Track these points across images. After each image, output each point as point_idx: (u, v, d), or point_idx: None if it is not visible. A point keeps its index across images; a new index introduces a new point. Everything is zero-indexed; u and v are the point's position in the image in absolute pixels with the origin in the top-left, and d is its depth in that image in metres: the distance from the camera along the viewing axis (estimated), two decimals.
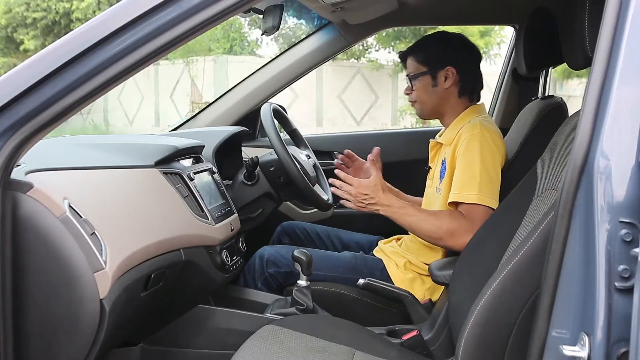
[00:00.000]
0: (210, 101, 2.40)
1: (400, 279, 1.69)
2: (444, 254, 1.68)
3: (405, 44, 10.35)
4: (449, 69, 1.72)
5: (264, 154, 1.83)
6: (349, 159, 1.89)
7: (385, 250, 1.80)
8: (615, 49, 0.77)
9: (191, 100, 12.28)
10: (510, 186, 1.37)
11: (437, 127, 2.18)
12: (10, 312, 0.95)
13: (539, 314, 0.82)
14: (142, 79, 12.44)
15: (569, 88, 11.92)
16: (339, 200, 1.67)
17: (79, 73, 0.91)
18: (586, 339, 0.71)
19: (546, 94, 1.97)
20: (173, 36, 0.93)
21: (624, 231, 0.72)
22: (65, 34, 0.96)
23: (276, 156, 1.68)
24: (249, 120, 2.26)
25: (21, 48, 12.59)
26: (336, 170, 1.71)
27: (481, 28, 10.49)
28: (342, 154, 1.90)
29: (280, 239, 1.98)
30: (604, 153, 0.75)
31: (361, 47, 12.32)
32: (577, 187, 0.77)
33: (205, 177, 1.64)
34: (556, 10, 1.61)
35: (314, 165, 1.94)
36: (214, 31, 11.95)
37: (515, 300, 1.00)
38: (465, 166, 1.57)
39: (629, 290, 0.70)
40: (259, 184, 1.80)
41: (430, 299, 1.67)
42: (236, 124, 2.24)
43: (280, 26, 1.64)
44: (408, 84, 1.81)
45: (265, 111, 1.72)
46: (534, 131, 1.69)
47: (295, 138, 2.02)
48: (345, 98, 12.85)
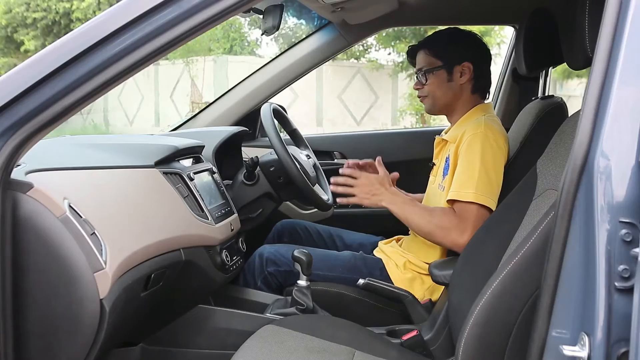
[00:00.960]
0: (210, 101, 2.40)
1: (400, 278, 1.69)
2: (444, 253, 1.68)
3: (405, 44, 10.34)
4: (465, 64, 1.72)
5: (264, 154, 1.83)
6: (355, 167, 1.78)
7: (385, 250, 1.80)
8: (615, 49, 0.77)
9: (191, 100, 12.28)
10: (510, 186, 1.37)
11: (438, 127, 2.18)
12: (10, 312, 0.95)
13: (539, 314, 0.82)
14: (142, 79, 12.44)
15: (569, 88, 11.91)
16: (337, 198, 1.68)
17: (79, 73, 0.91)
18: (586, 339, 0.71)
19: (546, 94, 1.97)
20: (173, 36, 0.93)
21: (624, 231, 0.72)
22: (65, 34, 0.96)
23: (276, 156, 1.68)
24: (249, 120, 2.26)
25: (22, 48, 12.59)
26: (341, 170, 1.71)
27: (481, 28, 10.47)
28: (347, 164, 1.76)
29: (280, 237, 1.98)
30: (604, 153, 0.75)
31: (361, 47, 12.32)
32: (577, 187, 0.77)
33: (205, 177, 1.64)
34: (556, 10, 1.61)
35: (314, 165, 1.94)
36: (214, 31, 11.95)
37: (515, 300, 1.00)
38: (465, 165, 1.57)
39: (629, 290, 0.70)
40: (259, 184, 1.80)
41: (430, 299, 1.67)
42: (236, 124, 2.24)
43: (280, 26, 1.64)
44: (419, 79, 1.79)
45: (265, 111, 1.72)
46: (534, 131, 1.69)
47: (295, 138, 2.02)
48: (345, 98, 12.86)
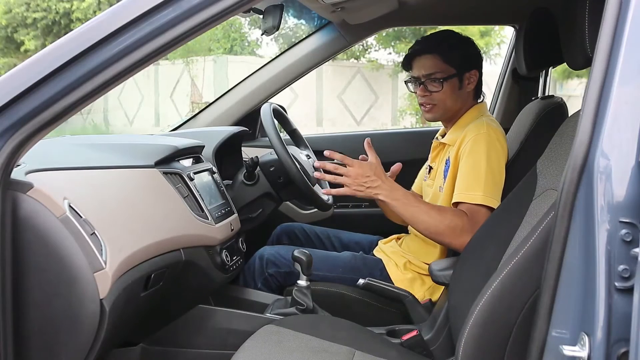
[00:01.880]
0: (210, 101, 2.40)
1: (400, 278, 1.69)
2: (443, 253, 1.68)
3: (405, 44, 10.35)
4: (473, 72, 1.69)
5: (264, 154, 1.83)
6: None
7: (385, 250, 1.80)
8: (615, 49, 0.77)
9: (191, 100, 12.28)
10: (510, 186, 1.37)
11: (438, 127, 2.18)
12: (10, 312, 0.95)
13: (539, 314, 0.82)
14: (142, 79, 12.44)
15: (569, 88, 11.92)
16: (322, 187, 1.52)
17: (79, 73, 0.91)
18: (586, 339, 0.71)
19: (546, 94, 1.97)
20: (173, 36, 0.93)
21: (624, 231, 0.71)
22: (65, 34, 0.96)
23: (276, 156, 1.68)
24: (249, 120, 2.26)
25: (22, 48, 12.59)
26: (326, 152, 1.56)
27: (481, 28, 10.48)
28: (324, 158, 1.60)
29: (279, 240, 1.98)
30: (604, 153, 0.75)
31: (361, 47, 12.32)
32: (577, 187, 0.77)
33: (205, 177, 1.64)
34: (556, 10, 1.61)
35: (314, 165, 1.94)
36: (214, 31, 11.95)
37: (515, 300, 1.00)
38: (470, 166, 1.56)
39: (629, 290, 0.70)
40: (259, 184, 1.80)
41: (430, 299, 1.67)
42: (236, 124, 2.24)
43: (280, 26, 1.64)
44: (424, 85, 1.67)
45: (265, 111, 1.72)
46: (534, 131, 1.69)
47: (295, 138, 2.02)
48: (345, 98, 12.86)
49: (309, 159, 1.92)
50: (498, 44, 11.01)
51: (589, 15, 1.02)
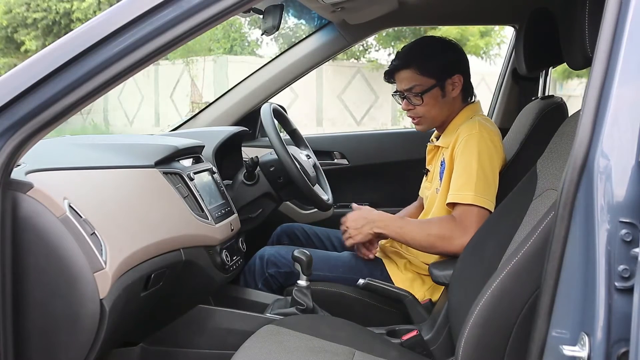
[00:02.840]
0: (210, 101, 2.40)
1: (400, 278, 1.69)
2: None
3: (405, 43, 10.34)
4: (455, 77, 1.67)
5: (264, 154, 1.83)
6: None
7: (385, 250, 1.80)
8: (615, 49, 0.77)
9: (191, 100, 12.29)
10: (510, 186, 1.37)
11: None
12: (10, 312, 0.95)
13: (539, 314, 0.82)
14: (142, 79, 12.44)
15: (569, 88, 11.92)
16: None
17: (79, 73, 0.91)
18: (586, 339, 0.71)
19: (546, 94, 1.97)
20: (173, 36, 0.93)
21: (624, 231, 0.71)
22: (65, 34, 0.96)
23: (276, 156, 1.68)
24: (249, 120, 2.26)
25: (22, 49, 12.59)
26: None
27: (481, 28, 10.50)
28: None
29: (279, 241, 1.98)
30: (604, 153, 0.75)
31: (361, 47, 12.33)
32: (577, 187, 0.77)
33: (205, 177, 1.64)
34: (556, 10, 1.61)
35: (314, 165, 1.94)
36: (214, 31, 11.95)
37: (515, 300, 1.00)
38: (462, 166, 1.56)
39: (629, 290, 0.70)
40: (259, 184, 1.79)
41: (430, 299, 1.67)
42: (236, 124, 2.24)
43: (280, 26, 1.64)
44: (408, 99, 1.68)
45: (265, 111, 1.72)
46: (534, 131, 1.69)
47: (295, 138, 2.02)
48: (345, 98, 12.86)
49: (309, 159, 1.92)
50: (498, 44, 11.02)
51: (589, 15, 1.02)
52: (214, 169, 1.73)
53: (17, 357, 0.98)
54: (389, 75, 1.74)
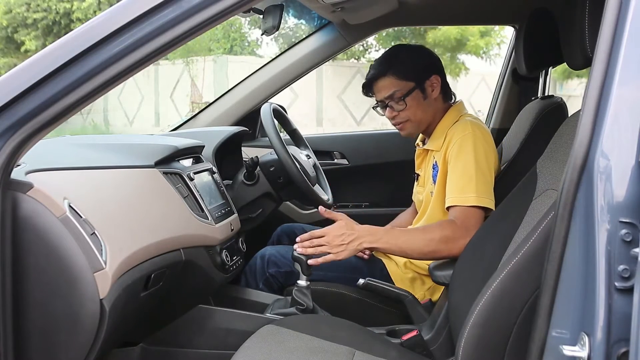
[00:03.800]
0: (210, 101, 2.40)
1: (401, 278, 1.69)
2: None
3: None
4: (433, 77, 1.69)
5: (264, 154, 1.83)
6: None
7: None
8: (615, 49, 0.77)
9: (191, 100, 12.29)
10: (510, 186, 1.37)
11: None
12: (10, 312, 0.95)
13: (539, 314, 0.82)
14: (142, 79, 12.45)
15: (569, 88, 11.93)
16: (307, 261, 1.50)
17: (79, 73, 0.91)
18: (586, 339, 0.71)
19: (546, 94, 1.97)
20: (173, 36, 0.93)
21: (624, 231, 0.71)
22: (65, 34, 0.96)
23: (276, 156, 1.68)
24: (249, 120, 2.26)
25: (22, 49, 12.60)
26: (299, 238, 1.53)
27: (481, 28, 10.50)
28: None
29: (279, 241, 1.98)
30: (604, 153, 0.75)
31: (361, 47, 12.33)
32: (577, 187, 0.77)
33: (205, 177, 1.64)
34: (556, 10, 1.61)
35: (314, 165, 1.94)
36: (214, 31, 11.96)
37: (515, 300, 1.00)
38: (460, 169, 1.55)
39: (629, 290, 0.70)
40: (259, 184, 1.79)
41: (430, 299, 1.67)
42: (236, 124, 2.24)
43: (280, 26, 1.64)
44: (391, 107, 1.68)
45: (265, 111, 1.72)
46: (534, 131, 1.69)
47: (295, 138, 2.02)
48: (345, 98, 12.86)
49: (309, 159, 1.92)
50: (498, 44, 11.02)
51: (589, 15, 1.02)
52: (214, 169, 1.73)
53: (17, 357, 0.98)
54: (367, 88, 1.74)
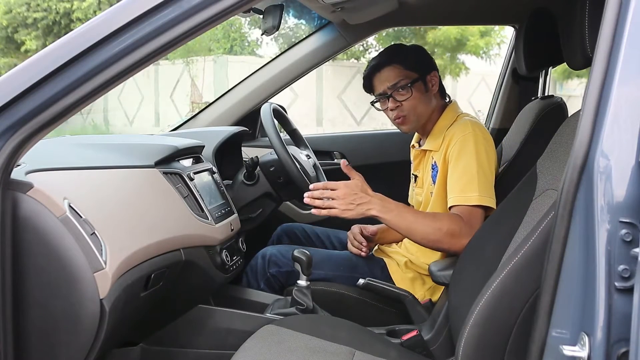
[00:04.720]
0: (210, 101, 2.40)
1: (401, 277, 1.69)
2: (444, 254, 1.67)
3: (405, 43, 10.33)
4: (433, 73, 1.71)
5: (264, 154, 1.83)
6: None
7: (386, 250, 1.80)
8: (615, 49, 0.77)
9: (191, 100, 12.29)
10: (510, 186, 1.37)
11: None
12: (10, 312, 0.95)
13: (539, 314, 0.82)
14: (142, 79, 12.44)
15: (569, 88, 11.93)
16: (312, 209, 1.46)
17: (79, 73, 0.91)
18: (586, 339, 0.71)
19: (546, 94, 1.97)
20: (173, 36, 0.93)
21: (624, 231, 0.72)
22: (65, 34, 0.96)
23: (276, 156, 1.68)
24: (249, 120, 2.26)
25: (22, 48, 12.60)
26: (312, 185, 1.48)
27: (481, 28, 10.49)
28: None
29: (279, 241, 1.98)
30: (604, 153, 0.75)
31: (361, 47, 12.32)
32: (577, 187, 0.77)
33: (205, 177, 1.64)
34: (556, 10, 1.61)
35: (314, 165, 1.94)
36: (214, 31, 11.96)
37: (515, 300, 1.00)
38: (462, 168, 1.55)
39: (629, 290, 0.70)
40: (259, 184, 1.80)
41: (430, 299, 1.67)
42: (236, 124, 2.24)
43: (280, 26, 1.64)
44: (393, 98, 1.66)
45: (265, 111, 1.72)
46: (534, 131, 1.69)
47: (295, 138, 2.02)
48: (345, 98, 12.86)
49: (309, 159, 1.92)
50: (498, 44, 11.01)
51: (589, 15, 1.02)
52: (214, 169, 1.73)
53: (17, 357, 0.98)
54: (369, 81, 1.73)
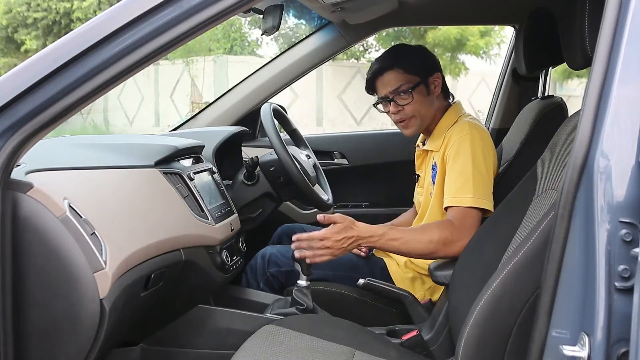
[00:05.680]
0: (210, 101, 2.40)
1: (401, 277, 1.69)
2: None
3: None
4: (435, 75, 1.70)
5: (264, 154, 1.83)
6: None
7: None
8: (615, 49, 0.77)
9: (191, 100, 12.29)
10: (510, 186, 1.37)
11: None
12: (10, 312, 0.95)
13: (539, 314, 0.82)
14: (142, 79, 12.44)
15: (569, 88, 11.92)
16: (306, 264, 1.51)
17: (79, 73, 0.91)
18: (586, 339, 0.71)
19: (546, 94, 1.97)
20: (173, 36, 0.93)
21: (624, 231, 0.72)
22: (65, 34, 0.96)
23: (276, 156, 1.68)
24: (249, 120, 2.26)
25: (22, 48, 12.60)
26: (295, 237, 1.54)
27: (481, 28, 10.49)
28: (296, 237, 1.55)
29: (279, 241, 1.98)
30: (604, 153, 0.75)
31: (361, 47, 12.32)
32: (577, 187, 0.77)
33: (205, 177, 1.64)
34: (556, 10, 1.61)
35: (314, 165, 1.94)
36: (214, 31, 11.96)
37: (515, 300, 1.00)
38: (458, 169, 1.55)
39: (629, 290, 0.70)
40: (259, 184, 1.79)
41: (430, 299, 1.67)
42: (236, 124, 2.24)
43: (280, 26, 1.64)
44: (395, 102, 1.67)
45: (265, 111, 1.72)
46: (534, 131, 1.69)
47: (295, 138, 2.02)
48: (345, 98, 12.86)
49: (309, 159, 1.92)
50: (498, 44, 11.01)
51: (589, 15, 1.02)
52: (214, 169, 1.73)
53: (17, 357, 0.98)
54: (371, 83, 1.74)
